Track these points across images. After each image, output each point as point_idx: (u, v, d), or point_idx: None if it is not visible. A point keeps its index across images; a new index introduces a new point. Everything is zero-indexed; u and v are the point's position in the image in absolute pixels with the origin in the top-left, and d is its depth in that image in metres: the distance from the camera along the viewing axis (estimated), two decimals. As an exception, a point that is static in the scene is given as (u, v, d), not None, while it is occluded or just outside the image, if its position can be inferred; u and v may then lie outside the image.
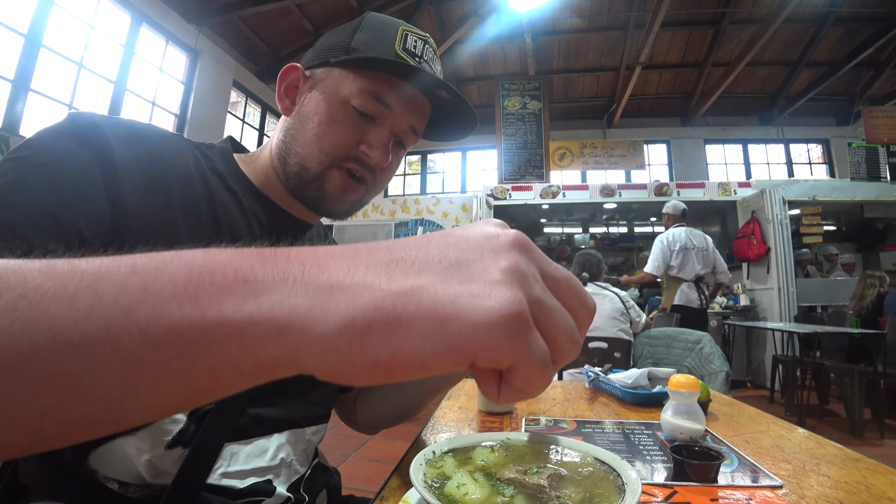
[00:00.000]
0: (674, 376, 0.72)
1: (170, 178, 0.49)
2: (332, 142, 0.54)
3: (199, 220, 0.50)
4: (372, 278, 0.19)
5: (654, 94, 7.29)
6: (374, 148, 0.55)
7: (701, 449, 0.56)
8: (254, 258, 0.20)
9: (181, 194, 0.49)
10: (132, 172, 0.46)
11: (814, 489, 0.53)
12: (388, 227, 6.34)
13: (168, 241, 0.46)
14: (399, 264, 0.19)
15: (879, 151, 5.48)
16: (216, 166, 0.56)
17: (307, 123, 0.55)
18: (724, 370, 2.06)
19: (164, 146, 0.50)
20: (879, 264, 5.85)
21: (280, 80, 0.59)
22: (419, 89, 0.57)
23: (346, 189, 0.57)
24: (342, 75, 0.55)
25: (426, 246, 0.20)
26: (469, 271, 0.19)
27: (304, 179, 0.56)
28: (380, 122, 0.56)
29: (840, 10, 5.36)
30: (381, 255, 0.20)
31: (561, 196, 5.61)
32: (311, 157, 0.55)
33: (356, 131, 0.55)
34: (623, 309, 2.46)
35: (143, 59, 4.56)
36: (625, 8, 5.60)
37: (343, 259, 0.20)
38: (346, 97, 0.54)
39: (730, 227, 5.94)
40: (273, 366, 0.19)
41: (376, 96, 0.54)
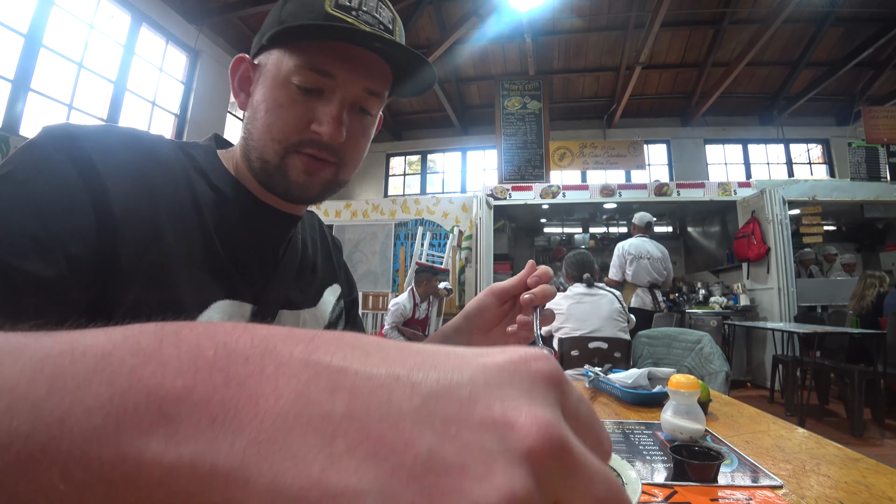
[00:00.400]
0: (674, 376, 0.72)
1: (154, 182, 0.47)
2: (280, 128, 0.51)
3: (186, 223, 0.49)
4: (309, 450, 0.13)
5: (654, 94, 7.30)
6: (324, 124, 0.51)
7: (701, 449, 0.56)
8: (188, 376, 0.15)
9: (166, 198, 0.47)
10: (116, 180, 0.44)
11: (814, 489, 0.53)
12: (388, 227, 6.34)
13: (155, 246, 0.45)
14: (352, 431, 0.13)
15: (879, 151, 5.48)
16: (200, 165, 0.54)
17: (257, 114, 0.52)
18: (724, 370, 2.06)
19: (146, 150, 0.48)
20: (879, 264, 5.85)
21: (231, 76, 0.56)
22: (362, 47, 0.51)
23: (310, 172, 0.53)
24: (280, 55, 0.51)
25: (400, 406, 0.13)
26: (436, 484, 0.12)
27: (268, 172, 0.53)
28: (327, 96, 0.51)
29: (840, 10, 5.36)
30: (340, 399, 0.14)
31: (561, 196, 5.61)
32: (267, 149, 0.52)
33: (304, 111, 0.51)
34: (621, 308, 2.46)
35: (143, 59, 4.56)
36: (625, 8, 5.60)
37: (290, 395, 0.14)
38: (287, 77, 0.50)
39: (730, 227, 5.94)
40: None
41: (315, 68, 0.50)
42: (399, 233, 6.29)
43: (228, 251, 0.52)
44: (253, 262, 0.55)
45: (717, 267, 6.19)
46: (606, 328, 2.37)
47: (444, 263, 5.40)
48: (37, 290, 0.36)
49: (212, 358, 0.15)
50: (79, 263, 0.39)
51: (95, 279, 0.41)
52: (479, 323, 0.61)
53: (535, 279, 0.56)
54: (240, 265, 0.53)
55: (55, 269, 0.37)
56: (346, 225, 6.43)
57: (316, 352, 0.15)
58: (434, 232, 6.07)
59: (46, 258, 0.37)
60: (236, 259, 0.53)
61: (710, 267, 6.45)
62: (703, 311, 4.95)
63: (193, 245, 0.49)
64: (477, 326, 0.61)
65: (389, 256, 6.25)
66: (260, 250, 0.56)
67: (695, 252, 7.34)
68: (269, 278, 0.56)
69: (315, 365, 0.14)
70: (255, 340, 0.15)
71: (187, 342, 0.16)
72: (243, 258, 0.54)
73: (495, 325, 0.61)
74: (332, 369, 0.14)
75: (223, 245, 0.51)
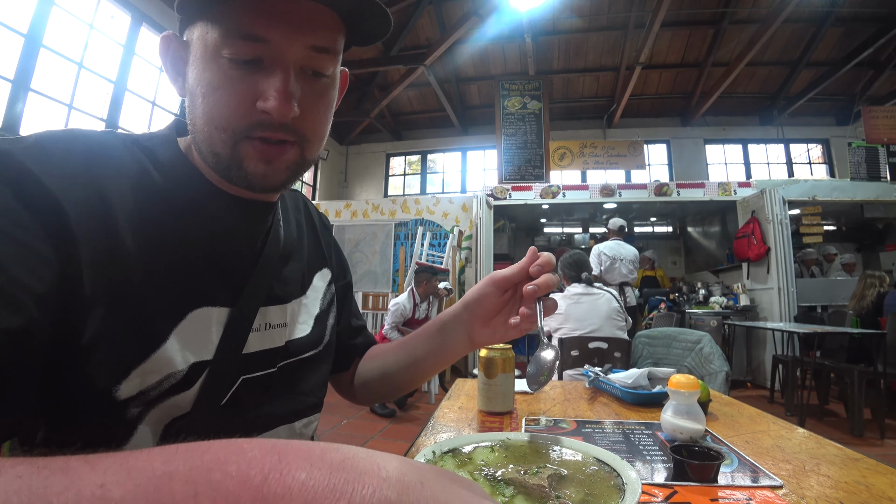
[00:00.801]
0: (674, 376, 0.72)
1: (107, 188, 0.41)
2: (222, 114, 0.43)
3: (148, 230, 0.43)
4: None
5: (654, 94, 7.30)
6: (269, 99, 0.42)
7: (701, 449, 0.56)
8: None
9: (123, 204, 0.41)
10: (67, 194, 0.37)
11: (814, 489, 0.53)
12: (388, 227, 6.34)
13: (116, 261, 0.39)
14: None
15: (879, 151, 5.48)
16: (160, 161, 0.47)
17: (195, 102, 0.44)
18: (724, 370, 2.06)
19: (93, 154, 0.42)
20: (879, 264, 5.85)
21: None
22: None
23: (269, 159, 0.45)
24: (203, 27, 0.43)
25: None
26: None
27: (223, 166, 0.46)
28: (267, 65, 0.43)
29: (840, 10, 5.36)
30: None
31: (561, 196, 5.61)
32: (215, 141, 0.44)
33: (244, 89, 0.43)
34: (619, 307, 2.46)
35: (143, 59, 4.57)
36: (625, 8, 5.60)
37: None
38: (215, 51, 0.42)
39: (730, 227, 5.94)
40: None
41: (244, 34, 0.41)
42: (399, 233, 6.29)
43: (199, 254, 0.47)
44: (228, 262, 0.49)
45: (717, 267, 6.19)
46: (606, 327, 2.37)
47: (444, 263, 5.40)
48: (5, 344, 0.31)
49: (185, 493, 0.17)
50: (46, 301, 0.34)
51: (60, 310, 0.35)
52: (479, 312, 0.58)
53: (537, 268, 0.53)
54: (214, 267, 0.48)
55: (22, 315, 0.32)
56: (346, 225, 6.43)
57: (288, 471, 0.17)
58: (434, 232, 6.07)
59: (11, 306, 0.32)
60: (209, 261, 0.47)
61: (710, 267, 6.45)
62: (703, 311, 4.95)
63: (159, 253, 0.43)
64: (477, 316, 0.58)
65: (389, 256, 6.25)
66: (235, 247, 0.50)
67: (695, 252, 7.34)
68: (246, 276, 0.50)
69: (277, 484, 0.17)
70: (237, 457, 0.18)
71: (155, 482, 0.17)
72: (217, 259, 0.48)
73: (495, 314, 0.58)
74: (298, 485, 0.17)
75: (193, 248, 0.46)
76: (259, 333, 0.51)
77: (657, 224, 7.83)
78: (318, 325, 0.62)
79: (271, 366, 0.53)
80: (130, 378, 0.40)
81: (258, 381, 0.51)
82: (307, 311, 0.60)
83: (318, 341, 0.61)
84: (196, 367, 0.44)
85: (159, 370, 0.42)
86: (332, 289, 0.68)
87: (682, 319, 4.86)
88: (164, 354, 0.42)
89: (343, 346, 0.70)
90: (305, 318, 0.60)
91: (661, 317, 4.32)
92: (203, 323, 0.46)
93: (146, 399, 0.41)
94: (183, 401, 0.44)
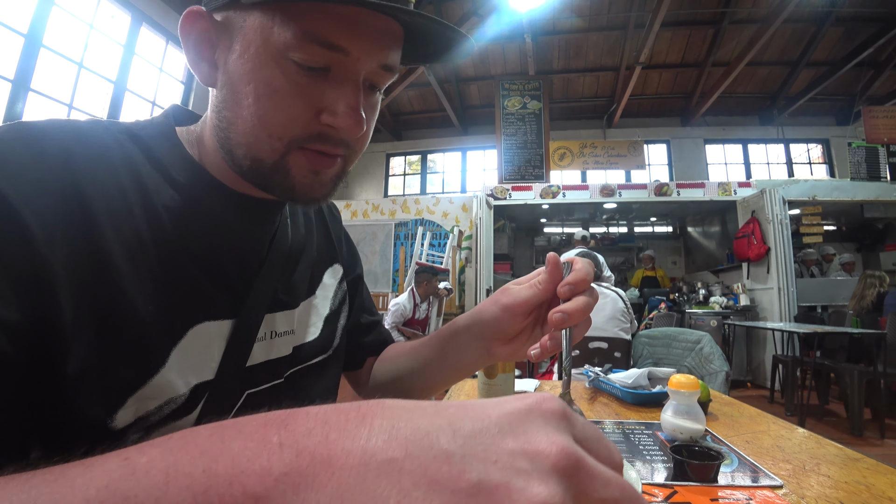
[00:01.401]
0: (674, 376, 0.72)
1: (87, 193, 0.35)
2: (281, 122, 0.39)
3: (141, 239, 0.37)
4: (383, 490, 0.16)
5: (654, 94, 7.30)
6: (341, 115, 0.39)
7: (701, 449, 0.56)
8: (263, 455, 0.17)
9: (110, 212, 0.36)
10: (35, 205, 0.31)
11: (814, 489, 0.53)
12: (388, 227, 6.34)
13: (103, 280, 0.34)
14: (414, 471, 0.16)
15: (879, 151, 5.48)
16: (155, 154, 0.42)
17: (240, 100, 0.39)
18: (724, 370, 2.06)
19: (73, 149, 0.36)
20: (879, 264, 5.85)
21: (182, 37, 0.41)
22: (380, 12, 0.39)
23: (317, 171, 0.42)
24: (265, 19, 0.37)
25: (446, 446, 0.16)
26: (492, 501, 0.15)
27: (262, 174, 0.41)
28: (337, 75, 0.39)
29: (840, 10, 5.36)
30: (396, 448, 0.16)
31: (561, 196, 5.61)
32: (262, 147, 0.40)
33: (310, 97, 0.39)
34: (624, 308, 2.46)
35: (143, 59, 4.57)
36: (625, 8, 5.60)
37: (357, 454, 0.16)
38: (281, 51, 0.37)
39: (730, 227, 5.94)
40: None
41: (323, 41, 0.37)
42: (399, 233, 6.29)
43: (201, 263, 0.41)
44: (231, 268, 0.44)
45: (717, 267, 6.19)
46: (609, 328, 2.37)
47: (444, 263, 5.40)
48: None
49: (277, 441, 0.17)
50: (15, 330, 0.29)
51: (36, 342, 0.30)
52: (492, 335, 0.50)
53: (567, 288, 0.42)
54: (216, 276, 0.42)
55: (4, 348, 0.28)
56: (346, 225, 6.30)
57: (367, 415, 0.18)
58: (434, 232, 6.07)
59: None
60: (211, 270, 0.42)
61: (710, 267, 6.45)
62: (703, 311, 4.96)
63: (154, 265, 0.38)
64: (493, 337, 0.50)
65: (389, 256, 6.25)
66: (240, 252, 0.45)
67: (695, 252, 7.34)
68: (249, 283, 0.45)
69: (369, 425, 0.17)
70: (311, 416, 0.18)
71: (249, 434, 0.18)
72: (219, 266, 0.43)
73: (515, 336, 0.50)
74: (385, 426, 0.17)
75: (193, 256, 0.41)
76: (264, 343, 0.47)
77: (657, 224, 7.83)
78: (328, 328, 0.57)
79: (278, 376, 0.50)
80: (127, 406, 0.35)
81: (264, 393, 0.48)
82: (316, 312, 0.56)
83: (328, 345, 0.57)
84: (198, 389, 0.40)
85: (158, 396, 0.37)
86: (344, 286, 0.62)
87: (682, 319, 4.86)
88: (164, 379, 0.37)
89: (352, 343, 0.64)
90: (314, 321, 0.56)
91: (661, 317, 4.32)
92: (204, 340, 0.41)
93: (145, 424, 0.37)
94: (185, 424, 0.40)
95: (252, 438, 0.18)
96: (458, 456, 0.16)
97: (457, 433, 0.17)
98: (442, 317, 4.90)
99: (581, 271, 0.42)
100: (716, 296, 5.32)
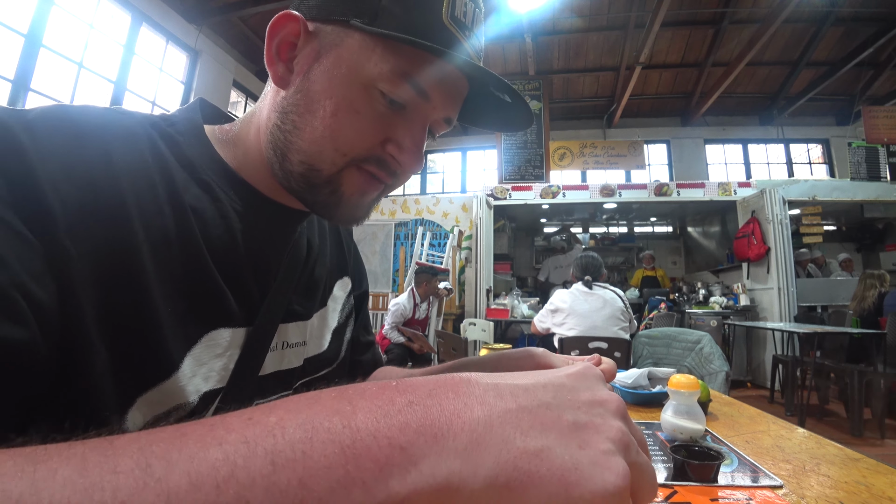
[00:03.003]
0: (674, 376, 0.72)
1: (121, 187, 0.34)
2: (351, 140, 0.41)
3: (166, 237, 0.36)
4: (508, 433, 0.20)
5: (654, 94, 7.29)
6: (405, 150, 0.42)
7: (701, 449, 0.56)
8: (398, 413, 0.19)
9: (139, 206, 0.35)
10: (64, 192, 0.31)
11: (814, 489, 0.53)
12: (388, 227, 6.34)
13: (124, 275, 0.33)
14: (527, 417, 0.21)
15: (879, 151, 5.48)
16: (183, 152, 0.41)
17: (315, 109, 0.40)
18: (724, 370, 2.06)
19: (110, 142, 0.35)
20: (879, 264, 5.85)
21: (270, 35, 0.41)
22: (464, 73, 0.42)
23: (365, 191, 0.44)
24: (366, 44, 0.39)
25: (544, 398, 0.22)
26: (584, 436, 0.21)
27: (313, 183, 0.42)
28: (411, 115, 0.42)
29: (840, 10, 5.36)
30: (509, 401, 0.21)
31: (561, 196, 5.61)
32: (324, 157, 0.41)
33: (382, 126, 0.41)
34: (623, 307, 2.47)
35: (143, 59, 4.56)
36: (625, 8, 5.60)
37: (477, 407, 0.20)
38: (372, 79, 0.39)
39: (730, 227, 5.94)
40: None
41: (413, 82, 0.40)
42: (399, 233, 6.29)
43: (222, 267, 0.41)
44: (248, 275, 0.44)
45: (717, 267, 6.19)
46: (608, 327, 2.37)
47: (444, 263, 5.40)
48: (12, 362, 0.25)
49: (404, 401, 0.20)
50: (44, 317, 0.28)
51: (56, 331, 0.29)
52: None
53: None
54: (234, 282, 0.42)
55: (24, 329, 0.26)
56: (346, 225, 6.43)
57: (469, 380, 0.22)
58: (434, 232, 6.07)
59: (12, 314, 0.26)
60: (231, 275, 0.42)
61: (710, 267, 6.45)
62: (703, 311, 4.95)
63: (177, 266, 0.37)
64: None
65: (389, 256, 6.25)
66: (259, 258, 0.45)
67: (695, 252, 7.34)
68: (265, 291, 0.45)
69: (479, 385, 0.22)
70: (420, 383, 0.21)
71: (373, 397, 0.20)
72: (239, 272, 0.43)
73: None
74: (492, 385, 0.22)
75: (215, 260, 0.40)
76: (276, 353, 0.47)
77: (657, 224, 7.83)
78: (336, 341, 0.58)
79: (288, 387, 0.50)
80: (136, 407, 0.34)
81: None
82: (326, 324, 0.56)
83: (335, 358, 0.58)
84: (208, 396, 0.40)
85: (166, 402, 0.36)
86: (351, 300, 0.63)
87: (682, 319, 4.86)
88: (176, 384, 0.36)
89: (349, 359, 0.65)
90: (324, 333, 0.56)
91: (661, 317, 4.32)
92: (218, 346, 0.40)
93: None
94: None
95: (379, 399, 0.20)
96: (555, 405, 0.22)
97: (546, 389, 0.22)
98: (442, 316, 4.90)
99: (607, 367, 0.50)
100: (716, 296, 5.32)
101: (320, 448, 0.18)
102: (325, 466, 0.17)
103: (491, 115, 0.49)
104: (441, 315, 4.86)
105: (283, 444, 0.17)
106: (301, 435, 0.18)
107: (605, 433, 0.21)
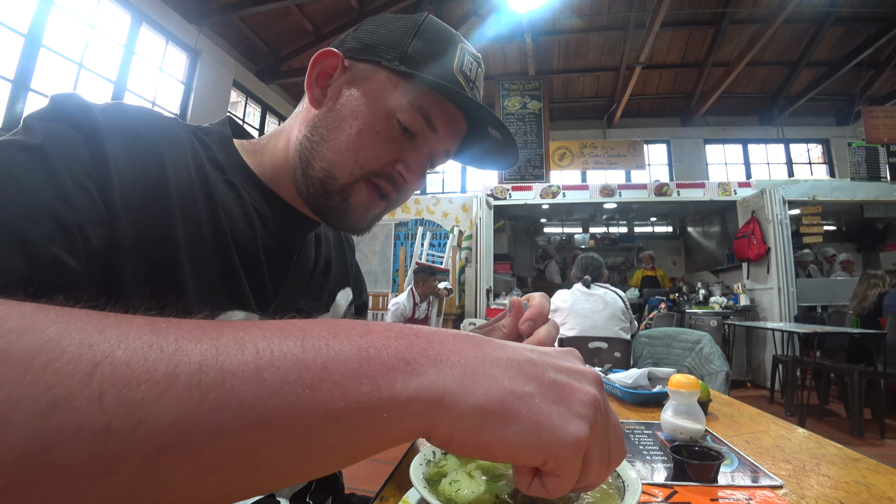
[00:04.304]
0: (674, 376, 0.72)
1: (166, 174, 0.42)
2: (369, 155, 0.49)
3: (198, 222, 0.44)
4: (498, 374, 0.24)
5: (654, 94, 7.30)
6: (412, 171, 0.51)
7: (701, 449, 0.56)
8: (405, 338, 0.23)
9: (179, 192, 0.42)
10: (123, 167, 0.38)
11: (814, 489, 0.53)
12: (388, 227, 6.33)
13: (162, 247, 0.40)
14: (515, 367, 0.25)
15: (879, 151, 5.48)
16: (215, 156, 0.50)
17: (342, 126, 0.49)
18: (724, 370, 2.06)
19: (161, 136, 0.43)
20: (879, 264, 5.85)
21: (313, 65, 0.51)
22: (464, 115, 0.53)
23: (370, 205, 0.52)
24: (391, 81, 0.49)
25: (531, 357, 0.26)
26: (561, 393, 0.24)
27: (328, 188, 0.50)
28: (420, 142, 0.51)
29: (840, 10, 5.36)
30: (500, 352, 0.25)
31: (561, 196, 5.61)
32: (343, 167, 0.49)
33: (395, 148, 0.50)
34: (624, 308, 2.46)
35: (143, 59, 4.56)
36: (625, 8, 5.60)
37: (472, 350, 0.24)
38: (393, 109, 0.49)
39: (730, 227, 5.94)
40: (414, 436, 0.22)
41: (425, 115, 0.49)
42: (399, 233, 6.29)
43: (243, 257, 0.48)
44: (263, 270, 0.51)
45: (717, 267, 6.19)
46: (608, 327, 2.37)
47: (444, 263, 5.40)
48: (60, 280, 0.31)
49: (411, 332, 0.24)
50: (92, 259, 0.34)
51: (102, 280, 0.36)
52: None
53: (528, 324, 0.43)
54: (251, 273, 0.49)
55: (79, 261, 0.33)
56: (346, 225, 6.43)
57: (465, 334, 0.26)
58: (434, 232, 6.07)
59: (71, 247, 0.32)
60: (251, 266, 0.49)
61: (710, 267, 6.45)
62: (703, 311, 4.95)
63: (205, 249, 0.44)
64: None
65: (389, 256, 6.25)
66: (276, 257, 0.53)
67: (695, 252, 7.34)
68: (278, 287, 0.53)
69: (476, 336, 0.26)
70: (424, 329, 0.25)
71: (385, 329, 0.24)
72: (257, 264, 0.50)
73: None
74: (487, 340, 0.26)
75: (238, 250, 0.47)
76: None
77: (657, 224, 7.83)
78: None
79: None
80: None
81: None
82: None
83: None
84: None
85: None
86: (352, 309, 0.70)
87: (682, 319, 4.85)
88: None
89: None
90: None
91: (661, 317, 4.32)
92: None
93: None
94: None
95: (390, 330, 0.24)
96: (540, 363, 0.26)
97: (534, 351, 0.27)
98: (442, 316, 4.90)
99: (537, 306, 0.44)
100: (716, 296, 5.32)
101: (339, 346, 0.21)
102: (343, 359, 0.21)
103: (481, 155, 0.59)
104: (441, 315, 4.86)
105: (312, 336, 0.22)
106: (325, 333, 0.22)
107: (580, 396, 0.25)
